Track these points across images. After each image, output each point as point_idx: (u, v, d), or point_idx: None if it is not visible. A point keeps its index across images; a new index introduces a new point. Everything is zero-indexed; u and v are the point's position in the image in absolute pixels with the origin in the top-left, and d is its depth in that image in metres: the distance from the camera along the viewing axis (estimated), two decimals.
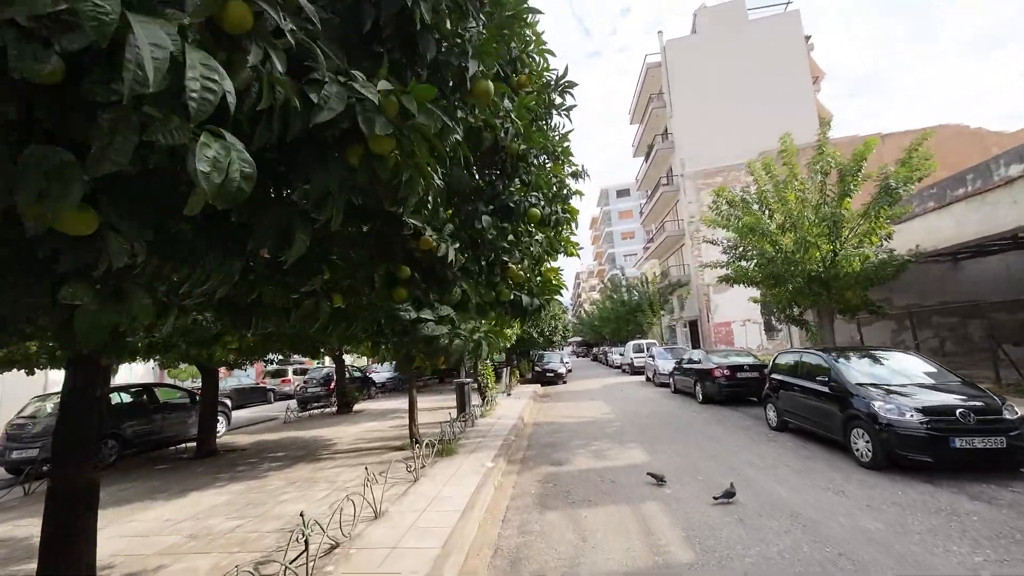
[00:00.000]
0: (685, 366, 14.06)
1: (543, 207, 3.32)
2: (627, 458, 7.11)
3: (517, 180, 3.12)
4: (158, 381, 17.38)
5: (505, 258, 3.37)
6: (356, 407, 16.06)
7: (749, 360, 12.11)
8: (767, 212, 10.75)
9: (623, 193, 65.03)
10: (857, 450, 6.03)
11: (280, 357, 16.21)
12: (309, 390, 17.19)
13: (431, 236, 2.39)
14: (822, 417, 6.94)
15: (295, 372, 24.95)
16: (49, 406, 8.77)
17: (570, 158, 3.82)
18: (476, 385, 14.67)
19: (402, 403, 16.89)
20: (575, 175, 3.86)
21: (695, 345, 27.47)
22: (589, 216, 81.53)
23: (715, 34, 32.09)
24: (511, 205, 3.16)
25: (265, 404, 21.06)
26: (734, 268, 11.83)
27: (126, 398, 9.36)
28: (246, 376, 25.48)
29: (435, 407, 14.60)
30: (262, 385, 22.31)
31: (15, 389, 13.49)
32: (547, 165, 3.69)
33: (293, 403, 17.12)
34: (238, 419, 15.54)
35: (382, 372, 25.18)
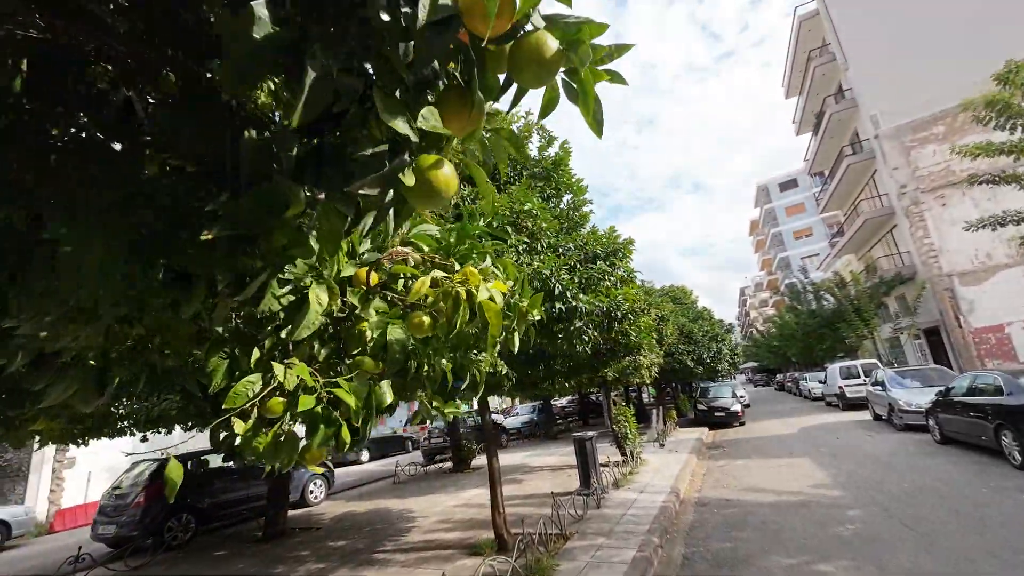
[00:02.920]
0: (961, 399, 8.41)
1: None
2: None
3: None
4: None
5: None
6: (475, 462, 13.82)
7: None
8: None
9: (788, 185, 54.37)
10: None
11: None
12: (432, 441, 15.64)
13: None
14: None
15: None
16: (148, 473, 8.18)
17: None
18: (614, 432, 11.10)
19: (535, 455, 14.12)
20: None
21: (938, 362, 19.05)
22: (747, 220, 70.70)
23: None
24: None
25: (403, 454, 20.40)
26: None
27: (209, 463, 8.57)
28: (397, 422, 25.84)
29: (563, 465, 11.50)
30: (401, 434, 21.91)
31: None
32: None
33: (411, 458, 15.73)
34: (359, 475, 14.63)
35: (519, 416, 22.90)
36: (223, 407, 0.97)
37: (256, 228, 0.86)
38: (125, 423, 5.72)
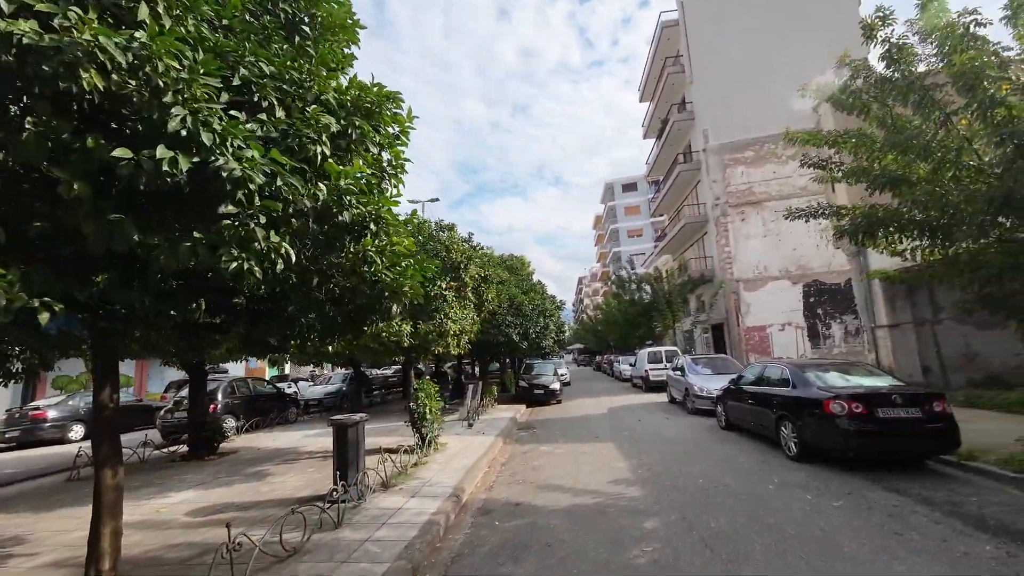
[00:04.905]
0: (750, 388, 8.52)
1: None
2: None
3: None
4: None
5: None
6: (234, 443, 10.52)
7: (886, 383, 6.56)
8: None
9: (629, 187, 59.76)
10: None
11: None
12: (176, 414, 11.59)
13: None
14: None
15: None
16: None
17: None
18: (411, 410, 8.99)
19: (318, 435, 11.36)
20: None
21: (719, 353, 21.90)
22: (592, 215, 76.44)
23: None
24: None
25: (152, 428, 15.41)
26: (864, 214, 6.25)
27: None
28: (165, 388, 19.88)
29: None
30: (153, 402, 16.66)
31: None
32: None
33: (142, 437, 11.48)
34: (35, 463, 10.02)
35: (327, 385, 19.50)
36: None
37: None
38: None
